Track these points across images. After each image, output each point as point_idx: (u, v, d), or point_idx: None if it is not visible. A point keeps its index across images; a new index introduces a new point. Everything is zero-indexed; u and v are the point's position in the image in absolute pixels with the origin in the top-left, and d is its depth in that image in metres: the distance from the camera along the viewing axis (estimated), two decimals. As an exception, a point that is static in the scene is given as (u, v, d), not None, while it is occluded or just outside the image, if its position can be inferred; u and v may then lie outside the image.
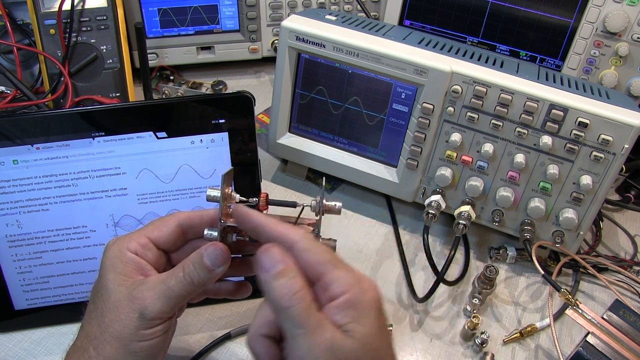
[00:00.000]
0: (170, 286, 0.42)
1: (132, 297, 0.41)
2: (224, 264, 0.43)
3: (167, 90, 0.89)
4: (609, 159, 0.60)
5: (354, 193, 0.77)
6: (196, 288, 0.42)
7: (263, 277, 0.36)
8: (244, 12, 0.90)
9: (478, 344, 0.58)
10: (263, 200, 0.45)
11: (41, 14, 0.74)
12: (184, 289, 0.42)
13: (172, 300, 0.42)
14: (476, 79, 0.61)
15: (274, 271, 0.36)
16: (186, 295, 0.42)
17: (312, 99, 0.71)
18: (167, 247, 0.46)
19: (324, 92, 0.70)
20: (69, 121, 0.52)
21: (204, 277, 0.42)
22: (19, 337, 0.57)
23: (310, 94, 0.71)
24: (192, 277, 0.42)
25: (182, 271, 0.42)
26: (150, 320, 0.41)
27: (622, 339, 0.51)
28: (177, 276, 0.42)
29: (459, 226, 0.65)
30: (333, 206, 0.44)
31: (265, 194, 0.45)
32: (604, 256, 0.70)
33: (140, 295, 0.41)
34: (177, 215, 0.46)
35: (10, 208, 0.53)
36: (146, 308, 0.41)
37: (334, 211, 0.44)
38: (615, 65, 0.76)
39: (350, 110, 0.70)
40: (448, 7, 0.83)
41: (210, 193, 0.43)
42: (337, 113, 0.71)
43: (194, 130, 0.54)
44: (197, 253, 0.43)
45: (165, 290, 0.42)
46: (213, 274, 0.42)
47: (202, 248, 0.43)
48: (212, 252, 0.42)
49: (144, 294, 0.41)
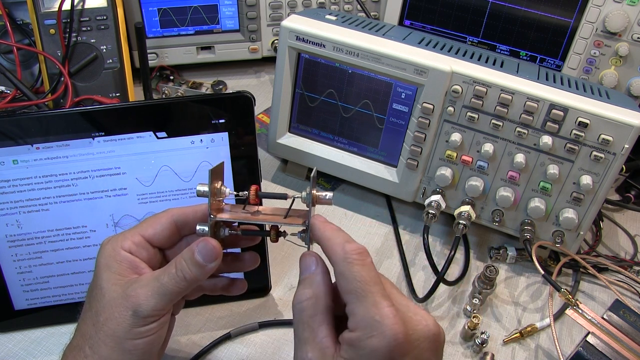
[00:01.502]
0: (163, 283, 0.42)
1: (125, 295, 0.41)
2: (216, 259, 0.42)
3: (167, 90, 0.89)
4: (609, 159, 0.59)
5: (354, 193, 0.77)
6: (189, 284, 0.42)
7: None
8: (244, 12, 0.90)
9: (478, 344, 0.58)
10: (253, 193, 0.44)
11: (41, 14, 0.74)
12: (177, 285, 0.42)
13: (166, 297, 0.42)
14: (476, 79, 0.61)
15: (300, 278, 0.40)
16: (179, 291, 0.42)
17: (312, 99, 0.71)
18: (162, 244, 0.46)
19: (323, 92, 0.70)
20: (69, 121, 0.52)
21: (196, 273, 0.42)
22: (19, 337, 0.57)
23: (310, 94, 0.71)
24: (185, 273, 0.42)
25: (175, 268, 0.42)
26: (144, 317, 0.41)
27: (622, 339, 0.51)
28: (169, 273, 0.42)
29: (459, 226, 0.65)
30: (323, 197, 0.43)
31: (255, 187, 0.45)
32: (604, 256, 0.70)
33: (133, 293, 0.41)
34: (171, 211, 0.46)
35: (10, 208, 0.53)
36: (140, 306, 0.41)
37: (324, 202, 0.43)
38: (615, 65, 0.76)
39: (350, 110, 0.70)
40: (448, 7, 0.83)
41: (200, 188, 0.43)
42: (337, 113, 0.71)
43: (194, 130, 0.54)
44: (189, 249, 0.42)
45: (159, 287, 0.42)
46: (205, 269, 0.42)
47: (193, 244, 0.42)
48: (203, 247, 0.42)
49: (137, 291, 0.41)
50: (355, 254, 0.37)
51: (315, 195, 0.42)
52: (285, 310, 0.61)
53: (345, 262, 0.37)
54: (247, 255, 0.50)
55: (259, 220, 0.44)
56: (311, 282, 0.39)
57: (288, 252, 0.67)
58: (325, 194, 0.43)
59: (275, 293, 0.63)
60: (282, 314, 0.61)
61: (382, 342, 0.34)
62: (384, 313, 0.34)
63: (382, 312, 0.34)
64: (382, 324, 0.34)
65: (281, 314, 0.61)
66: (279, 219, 0.44)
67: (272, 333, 0.59)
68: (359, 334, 0.34)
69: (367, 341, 0.34)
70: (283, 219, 0.44)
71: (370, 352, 0.34)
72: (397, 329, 0.34)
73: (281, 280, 0.64)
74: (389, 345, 0.34)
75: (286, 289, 0.63)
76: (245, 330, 0.58)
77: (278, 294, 0.63)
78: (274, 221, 0.44)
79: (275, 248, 0.64)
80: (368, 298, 0.35)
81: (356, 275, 0.36)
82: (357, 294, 0.35)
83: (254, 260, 0.50)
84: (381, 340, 0.34)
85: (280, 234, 0.46)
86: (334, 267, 0.38)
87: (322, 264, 0.40)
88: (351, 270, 0.36)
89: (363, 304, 0.35)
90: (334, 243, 0.38)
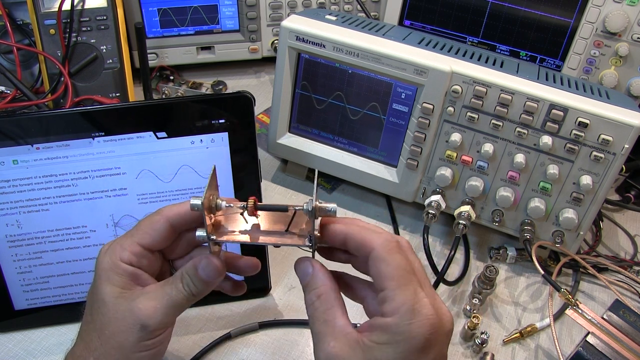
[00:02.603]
0: (171, 297, 0.42)
1: (131, 309, 0.41)
2: (219, 276, 0.43)
3: (167, 90, 0.89)
4: (609, 159, 0.59)
5: (354, 193, 0.77)
6: (195, 298, 0.43)
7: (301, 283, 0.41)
8: (244, 12, 0.90)
9: (478, 344, 0.58)
10: (251, 205, 0.41)
11: (41, 14, 0.74)
12: (185, 299, 0.42)
13: (173, 310, 0.42)
14: (476, 79, 0.61)
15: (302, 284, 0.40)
16: (186, 304, 0.43)
17: (312, 99, 0.71)
18: (161, 247, 0.45)
19: (324, 92, 0.70)
20: (69, 121, 0.52)
21: (202, 288, 0.42)
22: (19, 337, 0.57)
23: (310, 94, 0.71)
24: (191, 288, 0.42)
25: (181, 282, 0.42)
26: (152, 331, 0.41)
27: (622, 339, 0.51)
28: (176, 287, 0.42)
29: (459, 226, 0.65)
30: (328, 209, 0.39)
31: (254, 199, 0.42)
32: (604, 256, 0.70)
33: (140, 306, 0.41)
34: (165, 213, 0.44)
35: (10, 208, 0.53)
36: (148, 320, 0.41)
37: (329, 214, 0.39)
38: (615, 65, 0.76)
39: (351, 110, 0.70)
40: (448, 7, 0.83)
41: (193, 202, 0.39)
42: (337, 113, 0.71)
43: (194, 130, 0.54)
44: (192, 266, 0.42)
45: (167, 301, 0.42)
46: (209, 285, 0.43)
47: (197, 259, 0.42)
48: (206, 266, 0.42)
49: (143, 305, 0.41)
50: (397, 241, 0.38)
51: (317, 206, 0.39)
52: (285, 310, 0.61)
53: (388, 247, 0.37)
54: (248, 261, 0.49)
55: (259, 242, 0.42)
56: (315, 282, 0.39)
57: (288, 252, 0.67)
58: (329, 207, 0.39)
59: (275, 293, 0.63)
60: (282, 314, 0.61)
61: (420, 331, 0.35)
62: (423, 303, 0.35)
63: (422, 301, 0.35)
64: (421, 313, 0.35)
65: (281, 314, 0.61)
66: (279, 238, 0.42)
67: (272, 333, 0.59)
68: (397, 320, 0.35)
69: (405, 327, 0.35)
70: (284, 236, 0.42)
71: (407, 338, 0.35)
72: (434, 320, 0.35)
73: (281, 280, 0.64)
74: (425, 334, 0.35)
75: (286, 289, 0.63)
76: (245, 330, 0.58)
77: (278, 294, 0.63)
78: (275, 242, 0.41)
79: (275, 248, 0.64)
80: (409, 286, 0.36)
81: (399, 262, 0.37)
82: (398, 280, 0.36)
83: (254, 266, 0.49)
84: (420, 328, 0.35)
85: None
86: (372, 253, 0.37)
87: (318, 263, 0.41)
88: (394, 257, 0.37)
89: (404, 291, 0.35)
90: (373, 231, 0.39)
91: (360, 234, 0.39)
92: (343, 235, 0.40)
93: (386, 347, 0.35)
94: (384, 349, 0.35)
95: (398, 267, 0.36)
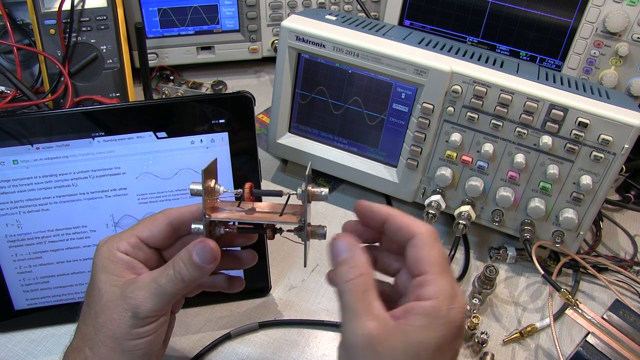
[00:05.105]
0: (162, 284, 0.42)
1: (124, 297, 0.41)
2: (214, 260, 0.42)
3: (167, 90, 0.89)
4: (609, 159, 0.60)
5: (354, 193, 0.77)
6: (187, 285, 0.42)
7: (332, 262, 0.39)
8: (244, 12, 0.90)
9: (478, 344, 0.58)
10: (247, 191, 0.44)
11: (41, 14, 0.74)
12: (175, 286, 0.42)
13: (164, 298, 0.42)
14: (476, 79, 0.61)
15: (338, 259, 0.39)
16: (178, 292, 0.42)
17: (312, 99, 0.71)
18: (159, 245, 0.46)
19: (324, 92, 0.70)
20: (69, 121, 0.52)
21: (195, 274, 0.42)
22: (19, 337, 0.57)
23: (310, 94, 0.71)
24: (183, 275, 0.42)
25: (172, 269, 0.42)
26: (143, 318, 0.41)
27: (622, 339, 0.51)
28: (167, 274, 0.42)
29: (459, 226, 0.65)
30: (319, 193, 0.43)
31: (250, 184, 0.44)
32: (604, 256, 0.70)
33: (132, 294, 0.41)
34: (168, 212, 0.45)
35: (10, 208, 0.53)
36: (138, 307, 0.41)
37: (320, 198, 0.43)
38: (615, 65, 0.76)
39: (350, 110, 0.70)
40: (448, 7, 0.83)
41: (193, 187, 0.42)
42: (337, 113, 0.71)
43: (194, 130, 0.54)
44: (186, 250, 0.42)
45: (157, 288, 0.42)
46: (203, 270, 0.42)
47: (191, 245, 0.42)
48: (201, 249, 0.42)
49: (135, 293, 0.41)
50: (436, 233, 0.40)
51: (310, 191, 0.42)
52: (285, 310, 0.61)
53: (433, 236, 0.39)
54: (245, 253, 0.50)
55: (254, 219, 0.44)
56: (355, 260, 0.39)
57: (288, 252, 0.67)
58: (320, 190, 0.43)
59: (275, 293, 0.63)
60: (282, 314, 0.61)
61: (458, 317, 0.36)
62: (459, 292, 0.37)
63: (458, 290, 0.37)
64: (458, 300, 0.36)
65: (281, 314, 0.61)
66: (275, 216, 0.44)
67: (272, 333, 0.59)
68: (438, 304, 0.35)
69: (446, 311, 0.35)
70: (279, 217, 0.44)
71: (446, 322, 0.35)
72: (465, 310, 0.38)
73: (281, 280, 0.64)
74: (460, 320, 0.36)
75: (286, 289, 0.63)
76: (245, 330, 0.58)
77: (278, 294, 0.63)
78: (270, 220, 0.44)
79: (275, 248, 0.64)
80: (449, 274, 0.37)
81: (441, 250, 0.38)
82: (440, 267, 0.37)
83: (252, 258, 0.50)
84: (458, 314, 0.36)
85: (276, 231, 0.46)
86: (415, 238, 0.38)
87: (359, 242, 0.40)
88: (438, 245, 0.38)
89: (445, 277, 0.37)
90: (414, 219, 0.40)
91: (402, 218, 0.40)
92: (384, 216, 0.41)
93: (426, 330, 0.35)
94: (423, 332, 0.35)
95: (441, 254, 0.38)
